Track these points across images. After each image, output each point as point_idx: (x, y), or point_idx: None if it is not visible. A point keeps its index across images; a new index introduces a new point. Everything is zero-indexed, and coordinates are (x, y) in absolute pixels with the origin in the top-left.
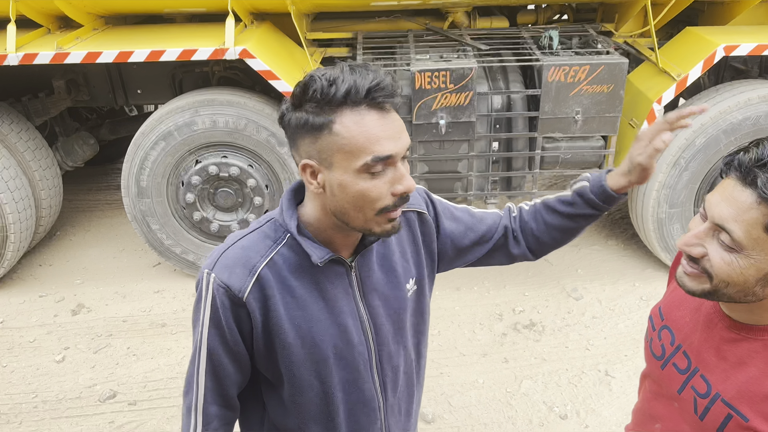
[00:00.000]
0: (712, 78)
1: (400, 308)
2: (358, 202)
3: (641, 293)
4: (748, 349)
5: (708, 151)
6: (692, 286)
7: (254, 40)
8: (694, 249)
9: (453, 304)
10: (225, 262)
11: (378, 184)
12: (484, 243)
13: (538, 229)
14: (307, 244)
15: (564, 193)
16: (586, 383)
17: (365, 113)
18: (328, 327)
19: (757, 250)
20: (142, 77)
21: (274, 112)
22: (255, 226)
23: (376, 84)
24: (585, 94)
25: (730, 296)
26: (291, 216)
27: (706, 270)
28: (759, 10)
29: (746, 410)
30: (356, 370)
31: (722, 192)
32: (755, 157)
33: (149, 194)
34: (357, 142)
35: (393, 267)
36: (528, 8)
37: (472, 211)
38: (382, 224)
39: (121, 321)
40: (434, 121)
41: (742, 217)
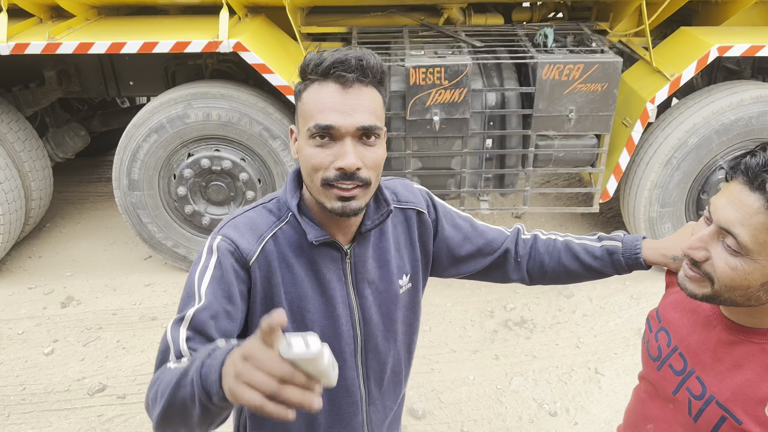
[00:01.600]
0: (705, 78)
1: (390, 302)
2: (307, 168)
3: (632, 292)
4: (745, 351)
5: (700, 151)
6: (693, 289)
7: (248, 34)
8: (697, 253)
9: (444, 300)
10: (234, 226)
11: (321, 153)
12: (481, 258)
13: (549, 264)
14: (305, 222)
15: (590, 241)
16: (575, 381)
17: (326, 84)
18: (318, 307)
19: (764, 255)
20: (134, 69)
21: (267, 106)
22: (260, 202)
23: (342, 59)
24: (579, 92)
25: (733, 300)
26: (293, 195)
27: (707, 274)
28: (753, 11)
29: (740, 413)
30: (342, 358)
31: (728, 196)
32: (763, 161)
33: (141, 187)
34: (308, 109)
35: (387, 261)
36: (523, 5)
37: (474, 223)
38: (331, 199)
39: (111, 314)
40: (428, 117)
41: (749, 222)
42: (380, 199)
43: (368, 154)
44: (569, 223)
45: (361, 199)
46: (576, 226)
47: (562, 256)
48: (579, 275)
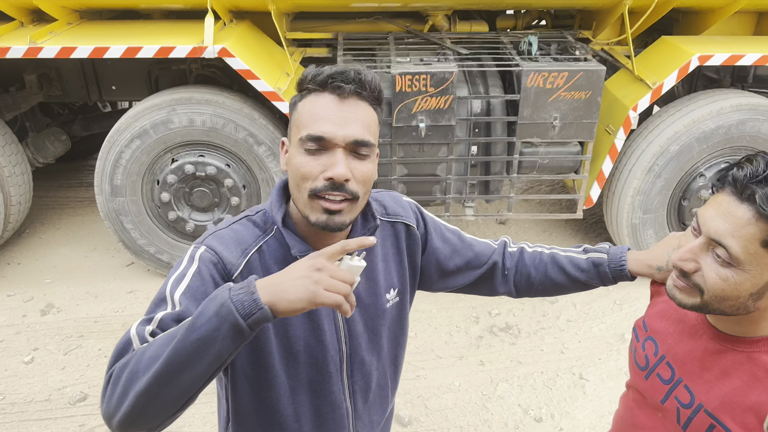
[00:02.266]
0: (686, 86)
1: (376, 317)
2: (296, 178)
3: (615, 297)
4: (732, 360)
5: (681, 158)
6: (682, 299)
7: (233, 39)
8: (687, 264)
9: (430, 306)
10: (219, 238)
11: (311, 162)
12: (470, 271)
13: (535, 277)
14: (289, 236)
15: (575, 253)
16: (560, 386)
17: (323, 95)
18: (302, 322)
19: (754, 265)
20: (117, 73)
21: (252, 112)
22: (246, 214)
23: (340, 71)
24: (563, 99)
25: (722, 310)
26: (279, 207)
27: (697, 285)
28: (732, 21)
29: (728, 421)
30: (326, 372)
31: (717, 207)
32: (750, 173)
33: (123, 193)
34: (302, 118)
35: (374, 275)
36: (507, 13)
37: (462, 236)
38: (316, 212)
39: (92, 321)
40: (414, 124)
41: (740, 233)
42: (368, 214)
43: (359, 167)
44: (553, 229)
45: (347, 214)
46: (560, 232)
47: (548, 268)
48: (565, 287)
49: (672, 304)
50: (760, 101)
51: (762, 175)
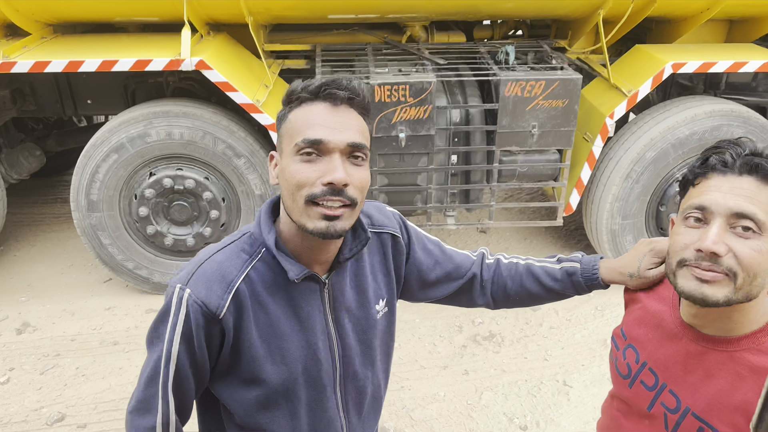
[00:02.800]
0: (660, 94)
1: (368, 328)
2: (291, 187)
3: (596, 303)
4: (714, 361)
5: (658, 164)
6: (713, 293)
7: (211, 51)
8: (720, 247)
9: (413, 316)
10: (201, 278)
11: (307, 168)
12: (450, 282)
13: (512, 288)
14: (284, 259)
15: (550, 263)
16: (545, 393)
17: (315, 104)
18: (299, 345)
19: None
20: (92, 87)
21: (231, 124)
22: (231, 239)
23: (332, 79)
24: (541, 108)
25: (749, 293)
26: (269, 230)
27: (730, 268)
28: (704, 30)
29: (717, 422)
30: (322, 388)
31: (717, 189)
32: (735, 153)
33: (100, 208)
34: (296, 126)
35: (364, 287)
36: (484, 23)
37: (443, 247)
38: (314, 219)
39: (69, 340)
40: (394, 134)
41: (758, 199)
42: (357, 227)
43: (356, 173)
44: (533, 237)
45: (347, 220)
46: (540, 240)
47: (524, 279)
48: (541, 297)
49: (649, 310)
50: (733, 107)
51: (748, 151)
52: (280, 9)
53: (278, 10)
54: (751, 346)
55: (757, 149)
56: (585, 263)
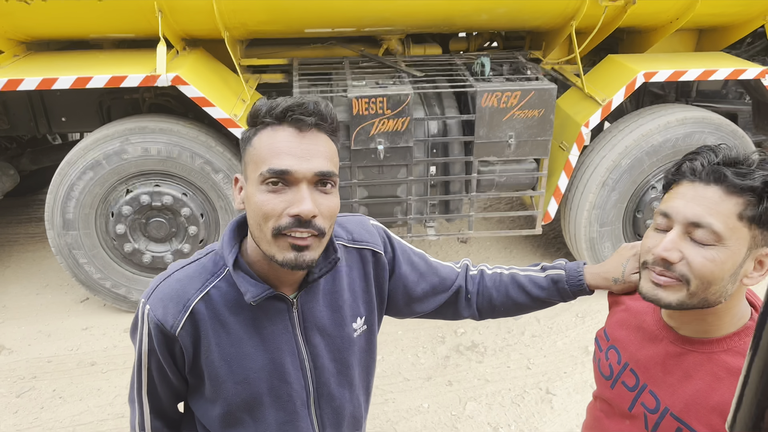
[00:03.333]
0: (634, 102)
1: (344, 347)
2: (257, 218)
3: (577, 310)
4: (693, 362)
5: (633, 172)
6: (666, 297)
7: (187, 67)
8: (673, 254)
9: (395, 328)
10: (160, 295)
11: (273, 199)
12: (435, 296)
13: (497, 299)
14: (242, 280)
15: (534, 272)
16: (528, 402)
17: (281, 129)
18: (262, 365)
19: (733, 239)
20: (66, 104)
21: (209, 140)
22: (196, 257)
23: (297, 104)
24: (517, 118)
25: (705, 299)
26: (230, 249)
27: (683, 275)
28: (674, 39)
29: (695, 423)
30: (293, 410)
31: (683, 196)
32: (706, 161)
33: (76, 226)
34: (261, 153)
35: (340, 305)
36: (459, 36)
37: (428, 260)
38: (283, 250)
39: (45, 362)
40: (372, 147)
41: (716, 210)
42: (329, 247)
43: (324, 202)
44: (514, 246)
45: (315, 250)
46: (521, 249)
47: (509, 289)
48: (526, 306)
49: (631, 312)
50: (704, 115)
51: (720, 159)
52: (256, 24)
53: (254, 25)
54: (729, 347)
55: (731, 157)
56: (570, 270)
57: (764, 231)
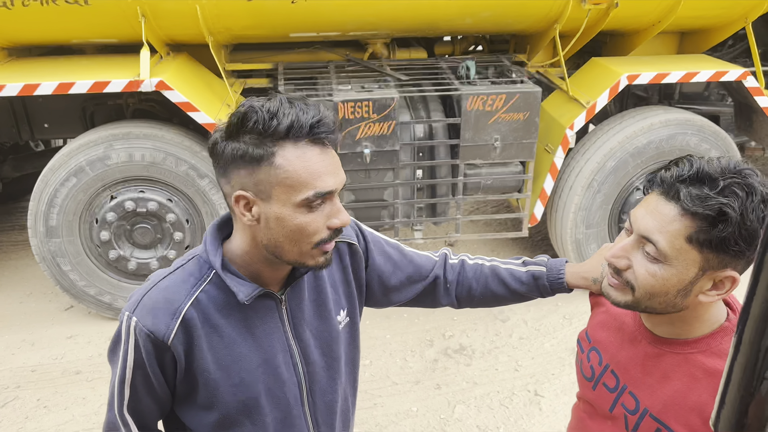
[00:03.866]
0: (617, 105)
1: (331, 341)
2: (295, 236)
3: (564, 312)
4: (670, 363)
5: (618, 173)
6: (616, 297)
7: (171, 72)
8: (620, 261)
9: (384, 332)
10: (147, 305)
11: (316, 218)
12: (411, 285)
13: (477, 289)
14: (232, 281)
15: (515, 266)
16: (516, 404)
17: (307, 148)
18: (257, 365)
19: (680, 260)
20: (49, 110)
21: (193, 145)
22: (178, 264)
23: (318, 120)
24: (502, 121)
25: (652, 307)
26: (215, 252)
27: (628, 282)
28: (656, 42)
29: (673, 423)
30: (287, 407)
31: (647, 207)
32: (676, 174)
33: (59, 233)
34: (299, 177)
35: (323, 299)
36: (444, 39)
37: (403, 250)
38: (316, 257)
39: (29, 371)
40: (359, 151)
41: (666, 229)
42: None
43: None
44: (500, 248)
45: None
46: (507, 251)
47: (489, 281)
48: (505, 299)
49: (612, 313)
50: (687, 116)
51: (686, 175)
52: (240, 28)
53: (239, 30)
54: (705, 348)
55: (702, 174)
56: (551, 267)
57: (720, 254)
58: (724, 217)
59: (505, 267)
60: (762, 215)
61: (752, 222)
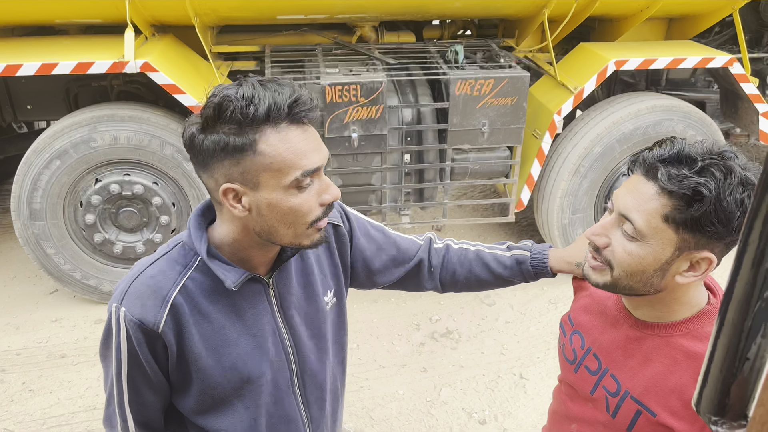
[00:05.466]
0: (605, 90)
1: (319, 322)
2: (290, 219)
3: (549, 296)
4: (651, 346)
5: (604, 159)
6: (596, 277)
7: (156, 53)
8: (599, 239)
9: (371, 316)
10: (135, 294)
11: (307, 197)
12: (395, 267)
13: (461, 274)
14: (218, 267)
15: (499, 250)
16: (502, 387)
17: (288, 130)
18: (248, 349)
19: (656, 239)
20: (32, 92)
21: (179, 127)
22: (163, 251)
23: (295, 100)
24: (490, 106)
25: (631, 287)
26: (200, 239)
27: (608, 261)
28: (644, 28)
29: (654, 405)
30: (278, 389)
31: (628, 186)
32: (657, 154)
33: (43, 216)
34: (285, 159)
35: (311, 281)
36: (433, 23)
37: (387, 232)
38: (312, 236)
39: (14, 354)
40: (346, 135)
41: (644, 207)
42: None
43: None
44: (488, 233)
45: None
46: (494, 236)
47: (473, 265)
48: (488, 283)
49: (595, 297)
50: (673, 102)
51: (667, 155)
52: (227, 10)
53: (225, 11)
54: (686, 331)
55: (682, 155)
56: (535, 252)
57: (697, 235)
58: (699, 196)
59: (490, 251)
60: (740, 198)
61: (729, 203)
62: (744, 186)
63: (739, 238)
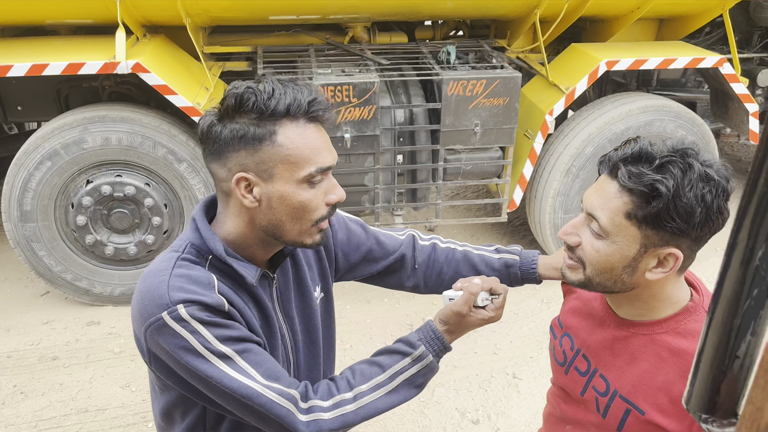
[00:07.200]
0: (596, 91)
1: (312, 316)
2: (298, 213)
3: (542, 296)
4: (638, 344)
5: (596, 159)
6: (571, 276)
7: (148, 54)
8: (570, 238)
9: (364, 317)
10: (182, 291)
11: (316, 194)
12: (375, 262)
13: (447, 273)
14: (238, 265)
15: (488, 252)
16: (495, 387)
17: (305, 126)
18: (264, 340)
19: (620, 236)
20: (22, 92)
21: (171, 128)
22: (173, 254)
23: (314, 98)
24: (483, 107)
25: (603, 284)
26: (213, 237)
27: (580, 259)
28: (635, 28)
29: (642, 403)
30: None
31: (596, 185)
32: (620, 153)
33: (34, 218)
34: (302, 153)
35: (302, 277)
36: (425, 24)
37: (366, 227)
38: (314, 235)
39: (5, 357)
40: (339, 135)
41: (608, 206)
42: None
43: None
44: (480, 234)
45: None
46: (487, 236)
47: (460, 265)
48: None
49: (582, 299)
50: (664, 102)
51: (629, 154)
52: (219, 10)
53: (217, 12)
54: (671, 329)
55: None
56: (524, 257)
57: (660, 231)
58: (656, 192)
59: (478, 253)
60: (700, 194)
61: (689, 199)
62: (705, 182)
63: (706, 233)
